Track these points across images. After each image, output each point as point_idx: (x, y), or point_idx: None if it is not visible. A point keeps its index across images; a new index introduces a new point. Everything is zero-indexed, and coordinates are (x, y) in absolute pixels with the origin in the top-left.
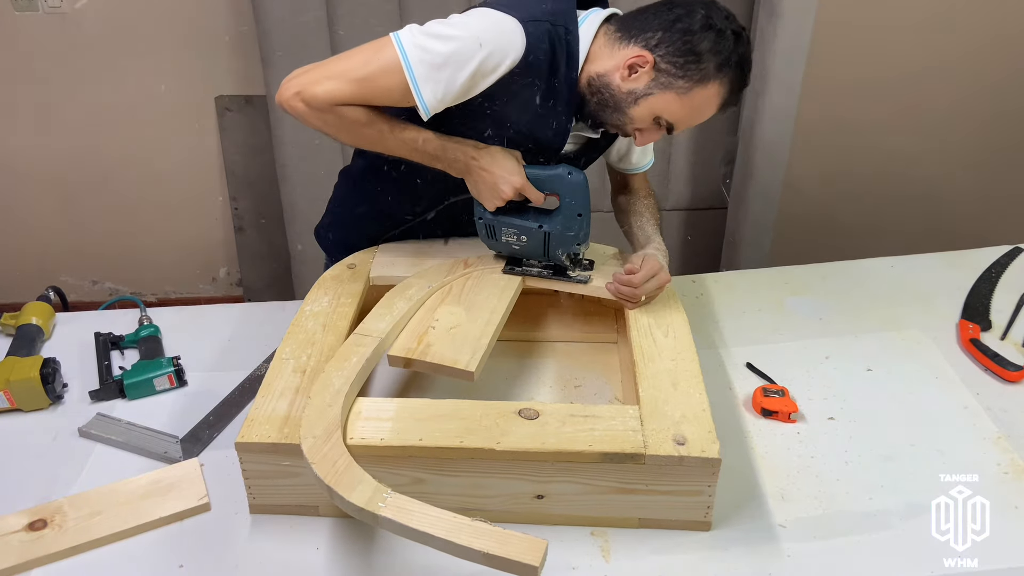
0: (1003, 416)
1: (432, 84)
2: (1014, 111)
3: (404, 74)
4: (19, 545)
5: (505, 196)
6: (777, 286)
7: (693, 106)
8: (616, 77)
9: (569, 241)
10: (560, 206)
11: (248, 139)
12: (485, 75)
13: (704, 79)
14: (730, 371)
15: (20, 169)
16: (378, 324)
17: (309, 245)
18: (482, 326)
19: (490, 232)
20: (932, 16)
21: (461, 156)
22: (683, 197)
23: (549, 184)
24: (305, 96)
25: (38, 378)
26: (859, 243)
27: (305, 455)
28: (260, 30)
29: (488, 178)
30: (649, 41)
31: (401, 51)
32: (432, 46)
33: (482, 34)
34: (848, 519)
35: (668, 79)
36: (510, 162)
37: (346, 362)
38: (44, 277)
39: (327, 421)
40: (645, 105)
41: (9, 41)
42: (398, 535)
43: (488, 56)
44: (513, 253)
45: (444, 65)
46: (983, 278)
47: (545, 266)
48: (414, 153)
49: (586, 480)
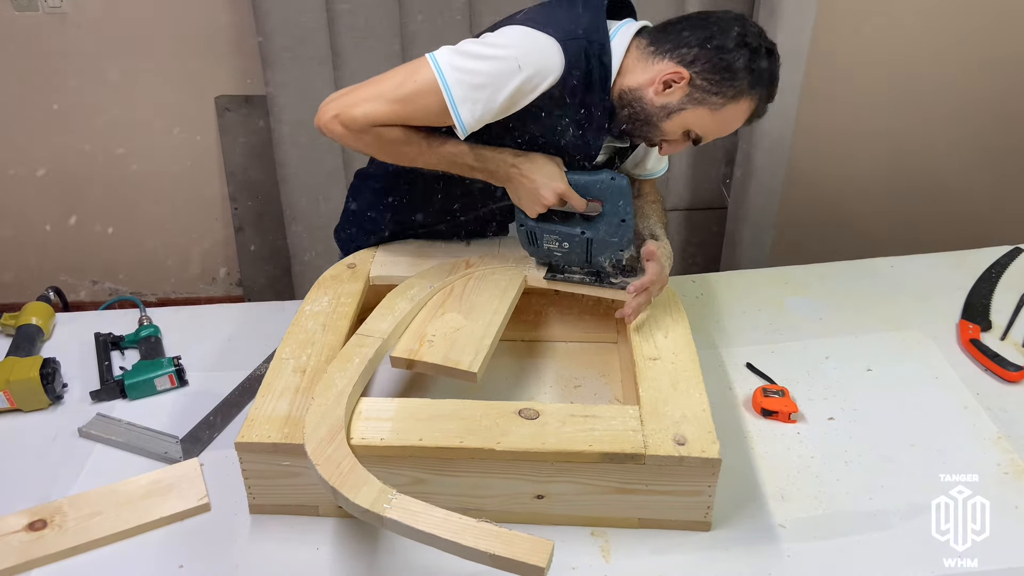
0: (1003, 416)
1: (470, 104)
2: (1015, 112)
3: (442, 95)
4: (19, 545)
5: (547, 202)
6: (777, 286)
7: (724, 120)
8: (649, 92)
9: (612, 247)
10: (603, 211)
11: (248, 139)
12: (524, 96)
13: (738, 95)
14: (730, 371)
15: (20, 169)
16: (380, 324)
17: (309, 245)
18: (484, 327)
19: (531, 239)
20: (932, 16)
21: (501, 165)
22: (683, 197)
23: (592, 189)
24: (344, 119)
25: (38, 378)
26: (859, 243)
27: (309, 457)
28: (260, 30)
29: (530, 185)
30: (684, 57)
31: (438, 71)
32: (470, 66)
33: (521, 55)
34: (848, 519)
35: (703, 95)
36: (552, 167)
37: (348, 363)
38: (44, 277)
39: (331, 422)
40: (678, 120)
41: (9, 41)
42: (403, 536)
43: (528, 78)
44: (554, 260)
45: (482, 86)
46: (983, 278)
47: (587, 273)
48: (453, 166)
49: (586, 480)
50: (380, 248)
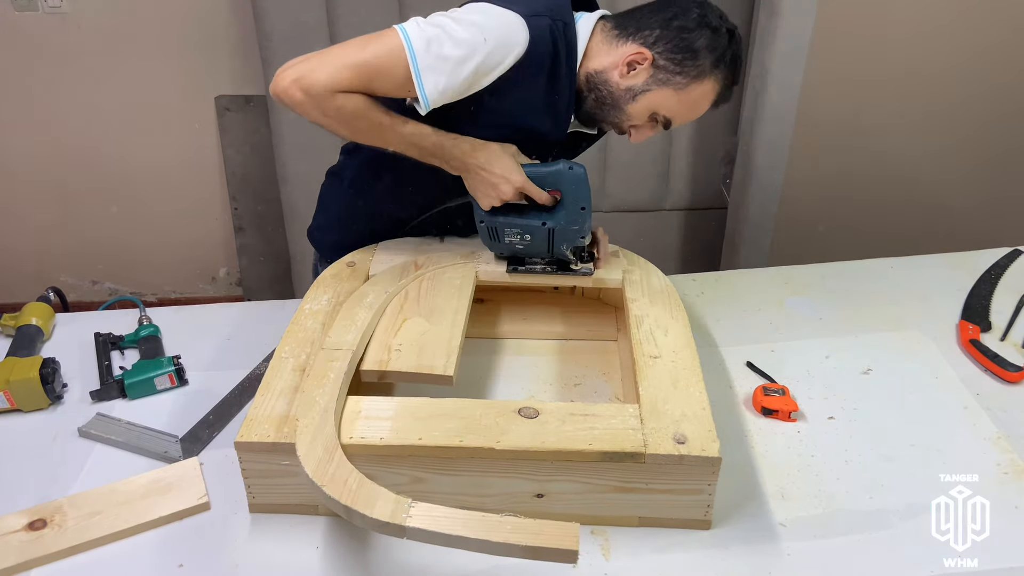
0: (1003, 416)
1: (435, 75)
2: (1015, 112)
3: (407, 61)
4: (19, 545)
5: (505, 196)
6: (777, 286)
7: (689, 101)
8: (615, 74)
9: (573, 235)
10: (562, 201)
11: (248, 139)
12: (489, 70)
13: (700, 75)
14: (730, 370)
15: (20, 169)
16: (345, 336)
17: (309, 245)
18: (449, 328)
19: (492, 235)
20: (933, 17)
21: (458, 154)
22: (683, 197)
23: (550, 180)
24: (304, 83)
25: (38, 378)
26: (859, 243)
27: (311, 478)
28: (260, 30)
29: (488, 177)
30: (647, 39)
31: (406, 38)
32: (437, 36)
33: (487, 30)
34: (848, 519)
35: (666, 75)
36: (509, 161)
37: (324, 379)
38: (44, 277)
39: (324, 441)
40: (643, 101)
41: (9, 41)
42: (427, 543)
43: (492, 51)
44: (516, 253)
45: (448, 57)
46: (983, 279)
47: (548, 262)
48: (411, 148)
49: (586, 479)
50: (379, 246)
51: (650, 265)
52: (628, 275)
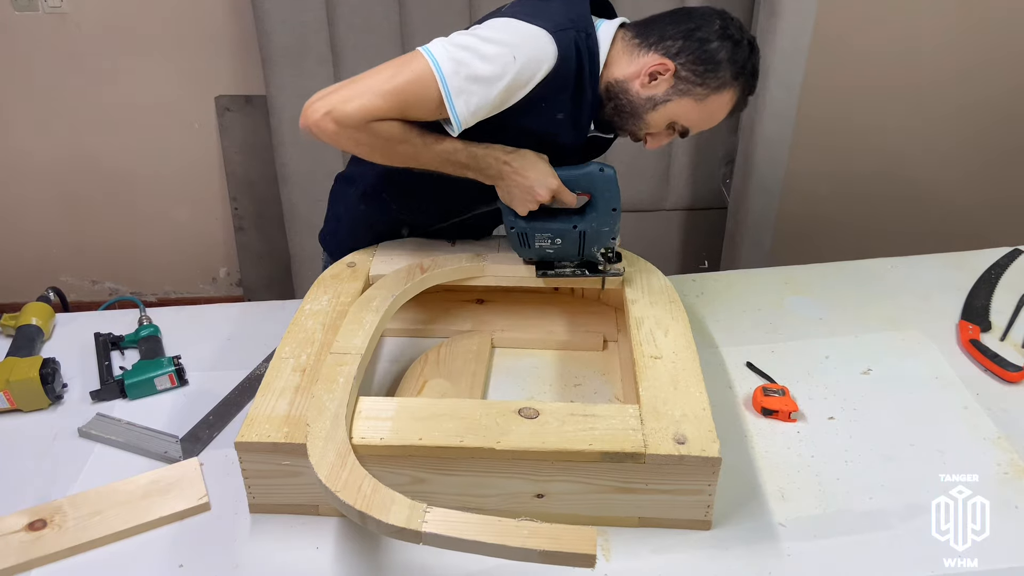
0: (1003, 416)
1: (466, 96)
2: (1015, 112)
3: (437, 85)
4: (19, 545)
5: (540, 199)
6: (777, 286)
7: (709, 111)
8: (636, 84)
9: (604, 237)
10: (593, 203)
11: (248, 139)
12: (520, 87)
13: (721, 87)
14: (730, 370)
15: (20, 169)
16: (353, 340)
17: (309, 245)
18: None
19: (523, 240)
20: (933, 18)
21: (492, 162)
22: (683, 197)
23: (582, 183)
24: (336, 115)
25: (38, 378)
26: (859, 243)
27: (324, 484)
28: (260, 30)
29: (523, 182)
30: (669, 49)
31: (434, 63)
32: (465, 59)
33: (516, 48)
34: (848, 519)
35: (687, 86)
36: (543, 165)
37: (334, 384)
38: (44, 277)
39: (336, 446)
40: (663, 111)
41: (9, 41)
42: (443, 548)
43: (522, 68)
44: (545, 257)
45: (478, 78)
46: (983, 279)
47: (578, 265)
48: (445, 164)
49: (586, 479)
50: (379, 247)
51: (650, 265)
52: (628, 275)
